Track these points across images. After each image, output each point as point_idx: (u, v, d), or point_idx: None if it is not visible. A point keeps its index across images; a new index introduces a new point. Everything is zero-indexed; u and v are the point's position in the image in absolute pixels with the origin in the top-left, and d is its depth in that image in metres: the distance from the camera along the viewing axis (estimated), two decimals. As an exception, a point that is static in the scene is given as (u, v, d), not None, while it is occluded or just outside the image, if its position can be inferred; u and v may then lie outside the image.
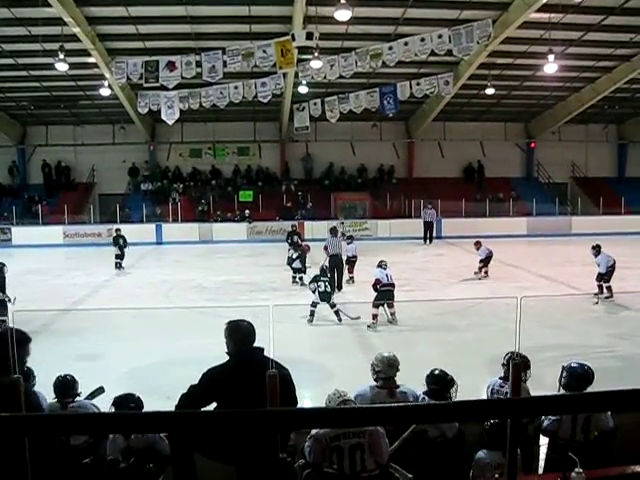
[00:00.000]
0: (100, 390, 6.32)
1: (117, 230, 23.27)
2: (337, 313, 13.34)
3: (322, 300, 13.43)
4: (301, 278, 17.86)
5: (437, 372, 5.87)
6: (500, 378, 5.98)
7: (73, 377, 6.00)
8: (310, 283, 13.91)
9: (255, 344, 4.82)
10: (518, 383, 3.84)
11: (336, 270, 17.44)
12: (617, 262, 15.73)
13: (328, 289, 13.57)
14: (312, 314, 13.38)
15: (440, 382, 5.78)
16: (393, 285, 13.42)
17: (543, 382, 6.39)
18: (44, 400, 6.05)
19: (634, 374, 9.30)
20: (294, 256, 18.62)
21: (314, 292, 13.51)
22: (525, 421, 5.24)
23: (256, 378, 4.11)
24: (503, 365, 6.16)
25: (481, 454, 4.90)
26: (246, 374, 4.57)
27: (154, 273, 21.18)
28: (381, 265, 13.66)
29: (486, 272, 19.17)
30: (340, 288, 17.01)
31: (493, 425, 4.83)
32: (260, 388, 3.83)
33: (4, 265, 13.60)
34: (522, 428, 5.09)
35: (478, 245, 19.75)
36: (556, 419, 5.21)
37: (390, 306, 13.05)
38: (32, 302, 14.59)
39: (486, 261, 19.19)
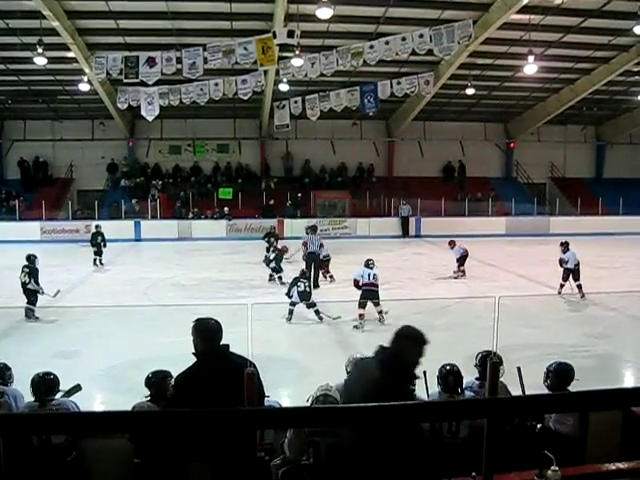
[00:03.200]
0: (77, 388, 6.27)
1: (97, 227, 23.09)
2: (317, 312, 13.38)
3: (302, 300, 13.53)
4: (280, 277, 17.85)
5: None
6: (476, 379, 6.03)
7: (55, 375, 5.90)
8: (290, 287, 13.95)
9: (234, 342, 4.80)
10: (495, 383, 3.85)
11: (313, 267, 17.52)
12: (594, 262, 15.89)
13: (308, 289, 13.68)
14: (291, 313, 13.51)
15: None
16: (375, 285, 13.41)
17: (515, 381, 6.41)
18: (20, 397, 6.01)
19: (609, 373, 9.40)
20: (271, 257, 18.65)
21: (290, 297, 13.58)
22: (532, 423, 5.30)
23: (226, 376, 4.10)
24: (476, 366, 6.21)
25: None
26: (215, 373, 4.55)
27: (133, 270, 21.07)
28: (368, 264, 13.63)
29: (463, 271, 19.26)
30: (317, 286, 17.00)
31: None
32: (230, 385, 3.82)
33: (35, 257, 14.55)
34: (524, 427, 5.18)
35: (452, 244, 19.84)
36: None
37: (375, 305, 13.06)
38: (8, 299, 14.50)
39: (462, 260, 19.27)
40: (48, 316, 13.49)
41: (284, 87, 27.32)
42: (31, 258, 14.50)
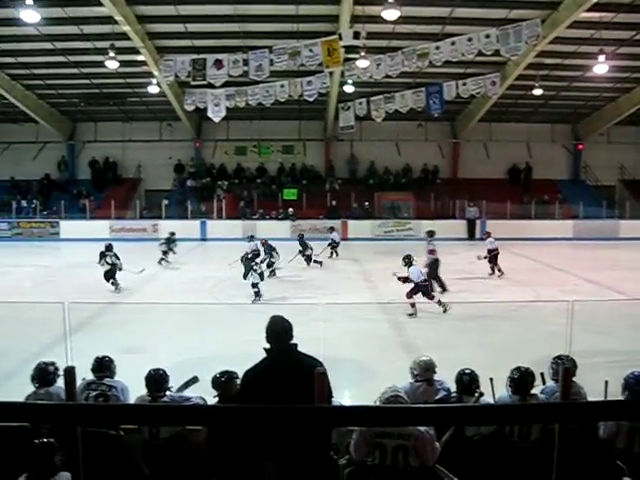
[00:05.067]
0: (194, 380, 6.33)
1: (172, 233, 23.26)
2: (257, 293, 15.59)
3: (261, 279, 16.10)
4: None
5: (465, 373, 5.99)
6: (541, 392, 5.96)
7: (164, 372, 6.06)
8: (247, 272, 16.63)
9: (297, 342, 4.85)
10: (569, 386, 3.78)
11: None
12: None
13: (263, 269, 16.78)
14: (257, 294, 15.57)
15: (463, 384, 5.95)
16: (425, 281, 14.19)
17: (587, 388, 6.30)
18: (127, 390, 6.20)
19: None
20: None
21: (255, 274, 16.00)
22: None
23: (295, 373, 4.13)
24: (551, 369, 6.13)
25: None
26: (285, 370, 4.61)
27: (199, 269, 21.37)
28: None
29: (500, 270, 19.06)
30: (445, 290, 16.72)
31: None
32: (297, 384, 3.85)
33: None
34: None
35: (487, 235, 19.75)
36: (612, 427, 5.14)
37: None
38: (78, 295, 14.87)
39: (493, 258, 19.06)
40: (117, 313, 13.81)
41: (349, 88, 27.36)
42: (111, 245, 17.88)
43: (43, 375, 5.98)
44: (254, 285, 15.96)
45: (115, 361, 6.60)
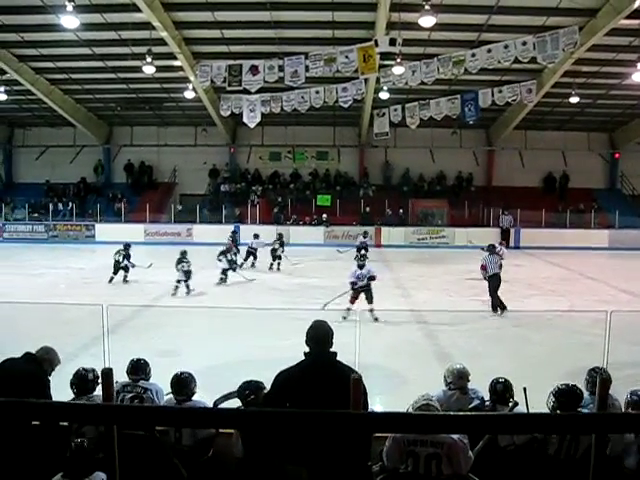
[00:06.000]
0: (233, 394, 6.04)
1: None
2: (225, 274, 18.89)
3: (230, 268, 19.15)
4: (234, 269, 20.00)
5: (499, 382, 5.95)
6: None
7: (190, 375, 6.07)
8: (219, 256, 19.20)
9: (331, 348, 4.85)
10: (605, 398, 3.74)
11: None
12: None
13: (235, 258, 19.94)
14: (224, 279, 18.88)
15: (497, 392, 5.90)
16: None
17: (623, 399, 6.23)
18: (161, 392, 6.24)
19: None
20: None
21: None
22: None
23: (331, 380, 4.13)
24: (587, 380, 6.07)
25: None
26: (318, 376, 4.58)
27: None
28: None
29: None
30: (504, 308, 15.07)
31: None
32: (332, 391, 3.84)
33: (130, 245, 19.76)
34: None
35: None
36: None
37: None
38: (113, 297, 15.06)
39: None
40: (150, 316, 13.93)
41: (384, 95, 27.36)
42: (129, 246, 19.58)
43: (82, 382, 6.02)
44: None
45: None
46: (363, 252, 21.45)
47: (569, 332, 12.44)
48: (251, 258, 23.12)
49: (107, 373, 3.80)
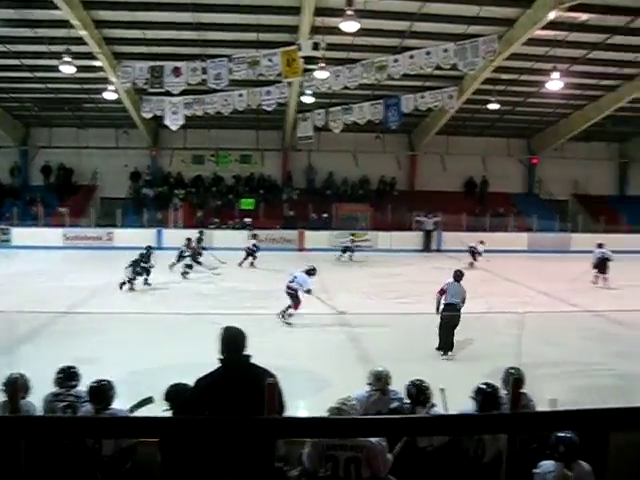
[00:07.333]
0: (148, 400, 6.06)
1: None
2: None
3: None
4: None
5: (414, 384, 6.11)
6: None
7: (109, 382, 5.86)
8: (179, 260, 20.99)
9: (251, 352, 4.80)
10: (517, 397, 3.80)
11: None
12: (616, 279, 15.71)
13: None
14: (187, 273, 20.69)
15: (411, 394, 6.06)
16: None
17: (539, 398, 6.37)
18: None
19: (631, 392, 9.28)
20: (185, 254, 21.98)
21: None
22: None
23: (247, 385, 4.09)
24: (503, 380, 6.20)
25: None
26: (235, 382, 4.55)
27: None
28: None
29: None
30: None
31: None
32: (250, 396, 3.80)
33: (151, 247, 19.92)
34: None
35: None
36: None
37: None
38: (31, 303, 14.60)
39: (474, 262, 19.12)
40: (69, 323, 13.54)
41: (308, 99, 27.42)
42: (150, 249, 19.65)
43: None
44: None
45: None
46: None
47: (489, 333, 12.69)
48: (250, 258, 24.42)
49: (13, 382, 3.63)
